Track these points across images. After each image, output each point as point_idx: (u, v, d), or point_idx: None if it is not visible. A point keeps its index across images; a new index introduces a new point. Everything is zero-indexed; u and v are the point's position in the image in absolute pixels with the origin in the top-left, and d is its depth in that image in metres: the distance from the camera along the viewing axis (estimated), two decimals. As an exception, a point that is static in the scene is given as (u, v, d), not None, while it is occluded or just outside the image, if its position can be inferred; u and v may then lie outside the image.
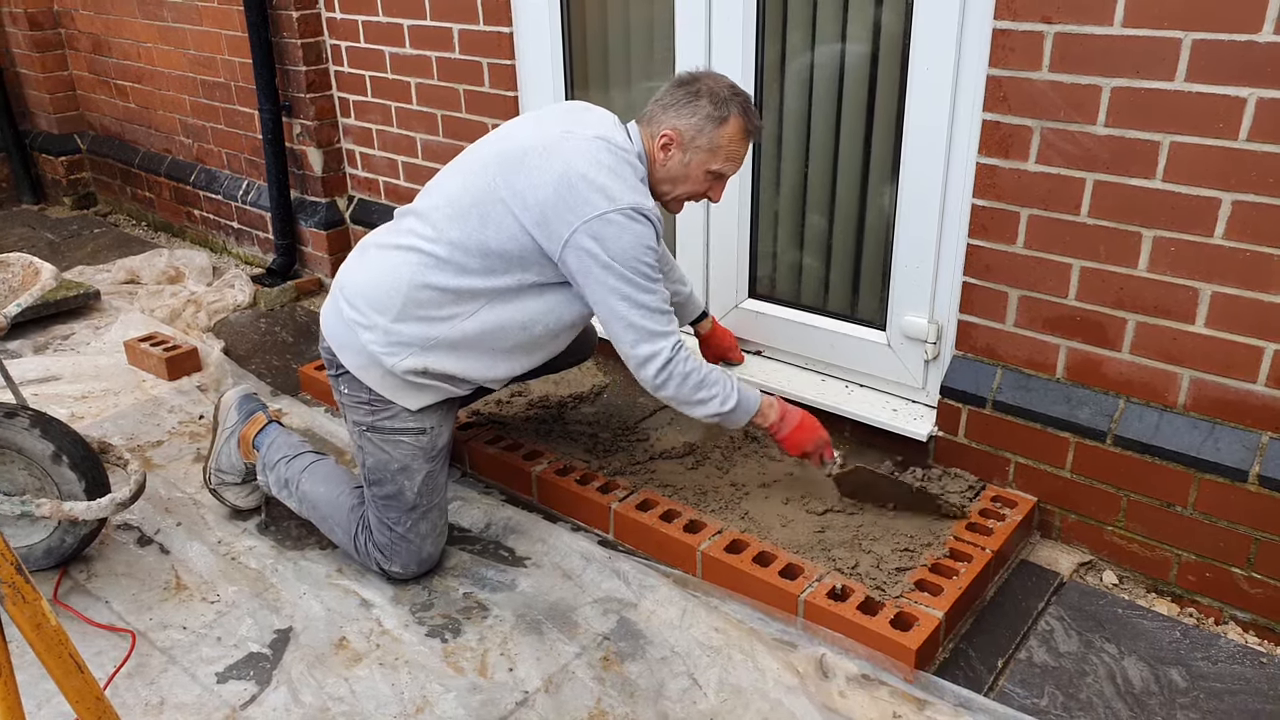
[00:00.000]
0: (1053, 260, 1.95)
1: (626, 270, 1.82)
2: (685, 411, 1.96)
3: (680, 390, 1.90)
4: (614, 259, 1.81)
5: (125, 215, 4.60)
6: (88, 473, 2.01)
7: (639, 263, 1.83)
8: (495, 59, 2.82)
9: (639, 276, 1.83)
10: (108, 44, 4.22)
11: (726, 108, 1.90)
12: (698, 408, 1.94)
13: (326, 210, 3.53)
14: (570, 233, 1.81)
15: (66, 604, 2.00)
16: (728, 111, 1.90)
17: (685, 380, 1.90)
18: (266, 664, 1.85)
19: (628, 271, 1.82)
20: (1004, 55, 1.88)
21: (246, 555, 2.16)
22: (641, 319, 1.85)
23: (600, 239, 1.80)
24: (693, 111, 1.90)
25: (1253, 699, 1.71)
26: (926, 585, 1.88)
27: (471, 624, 1.94)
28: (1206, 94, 1.68)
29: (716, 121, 1.90)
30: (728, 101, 1.90)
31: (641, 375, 1.91)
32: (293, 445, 2.20)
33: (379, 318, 1.92)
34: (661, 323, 1.88)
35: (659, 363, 1.87)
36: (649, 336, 1.87)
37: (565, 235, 1.81)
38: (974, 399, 2.13)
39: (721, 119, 1.90)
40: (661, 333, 1.87)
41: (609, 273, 1.82)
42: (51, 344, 3.23)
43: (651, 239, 1.85)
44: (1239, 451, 1.82)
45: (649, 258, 1.85)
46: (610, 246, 1.80)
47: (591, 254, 1.81)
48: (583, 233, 1.80)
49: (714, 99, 1.90)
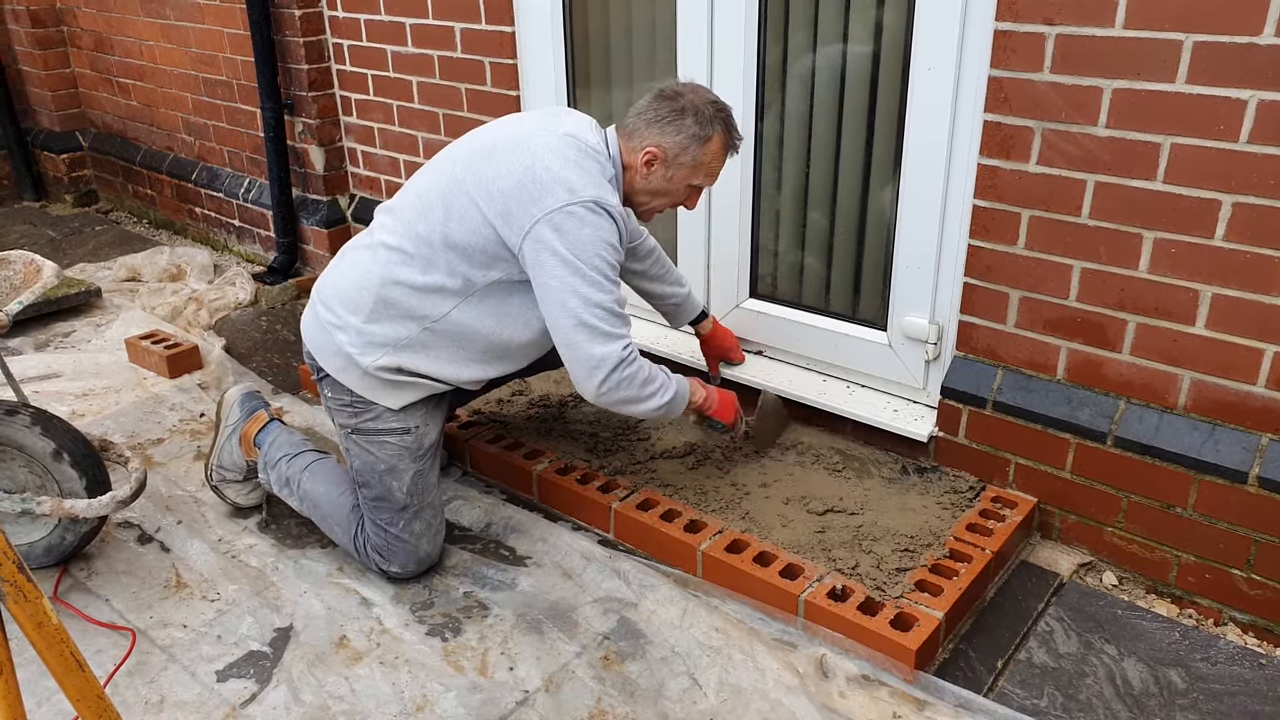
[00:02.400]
0: (1054, 261, 1.95)
1: (583, 265, 1.79)
2: (628, 411, 1.93)
3: (629, 391, 1.87)
4: (572, 253, 1.78)
5: (127, 213, 4.60)
6: (88, 470, 2.01)
7: (598, 258, 1.80)
8: (497, 58, 2.83)
9: (595, 273, 1.80)
10: (110, 41, 4.22)
11: (711, 126, 1.91)
12: (645, 404, 1.91)
13: (328, 208, 3.54)
14: (531, 224, 1.79)
15: (67, 602, 2.01)
16: (712, 130, 1.92)
17: (634, 381, 1.87)
18: (267, 662, 1.85)
19: (584, 267, 1.79)
20: (1005, 56, 1.88)
21: (247, 553, 2.17)
22: (595, 319, 1.81)
23: (560, 230, 1.78)
24: (678, 129, 1.90)
25: (1252, 700, 1.71)
26: (927, 586, 1.88)
27: (472, 623, 1.94)
28: (1207, 96, 1.68)
29: (701, 140, 1.91)
30: (712, 120, 1.91)
31: (590, 379, 1.84)
32: (294, 444, 2.21)
33: (351, 318, 1.92)
34: (616, 324, 1.84)
35: (609, 367, 1.83)
36: (602, 338, 1.82)
37: (526, 226, 1.80)
38: (975, 399, 2.13)
39: (706, 138, 1.91)
40: (614, 334, 1.84)
41: (565, 267, 1.79)
42: (53, 341, 3.23)
43: (613, 235, 1.83)
44: (1239, 453, 1.82)
45: (609, 255, 1.82)
46: (569, 239, 1.78)
47: (549, 247, 1.78)
48: (544, 224, 1.78)
49: (699, 117, 1.90)
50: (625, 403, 1.90)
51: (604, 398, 1.87)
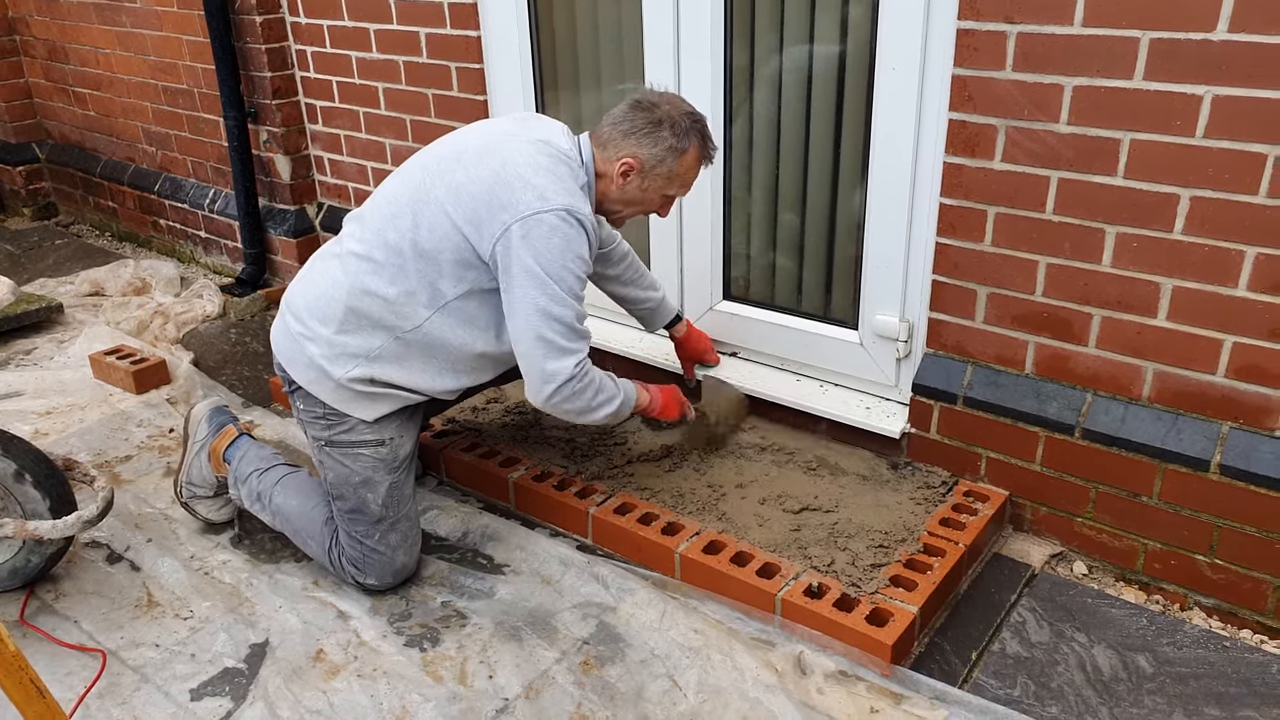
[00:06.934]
0: (1019, 257, 1.98)
1: (549, 279, 1.79)
2: (575, 420, 1.94)
3: (577, 403, 1.89)
4: (539, 264, 1.78)
5: (88, 225, 4.52)
6: (52, 491, 1.98)
7: (565, 270, 1.80)
8: (464, 63, 2.81)
9: (560, 287, 1.80)
10: (64, 50, 4.14)
11: (688, 139, 1.92)
12: (592, 414, 1.93)
13: (296, 218, 3.50)
14: (502, 229, 1.79)
15: (34, 625, 1.97)
16: (689, 143, 1.92)
17: (583, 394, 1.88)
18: (242, 679, 1.83)
19: (550, 280, 1.79)
20: (968, 55, 1.90)
21: (220, 570, 2.14)
22: (553, 333, 1.82)
23: (529, 240, 1.78)
24: (655, 141, 1.90)
25: (1216, 682, 1.75)
26: (901, 581, 1.90)
27: (450, 633, 1.93)
28: (1164, 92, 1.71)
29: (678, 152, 1.92)
30: (689, 132, 1.92)
31: (540, 391, 1.86)
32: (264, 458, 2.18)
33: (322, 329, 1.91)
34: (573, 339, 1.85)
35: (560, 381, 1.84)
36: (557, 353, 1.83)
37: (497, 232, 1.79)
38: (945, 396, 2.16)
39: (683, 150, 1.92)
40: (571, 350, 1.84)
41: (530, 279, 1.79)
42: (13, 359, 3.16)
43: (583, 247, 1.83)
44: (1200, 441, 1.86)
45: (577, 268, 1.82)
46: (537, 249, 1.78)
47: (517, 256, 1.78)
48: (514, 230, 1.78)
49: (675, 129, 1.90)
50: (573, 413, 1.92)
51: (554, 409, 1.90)
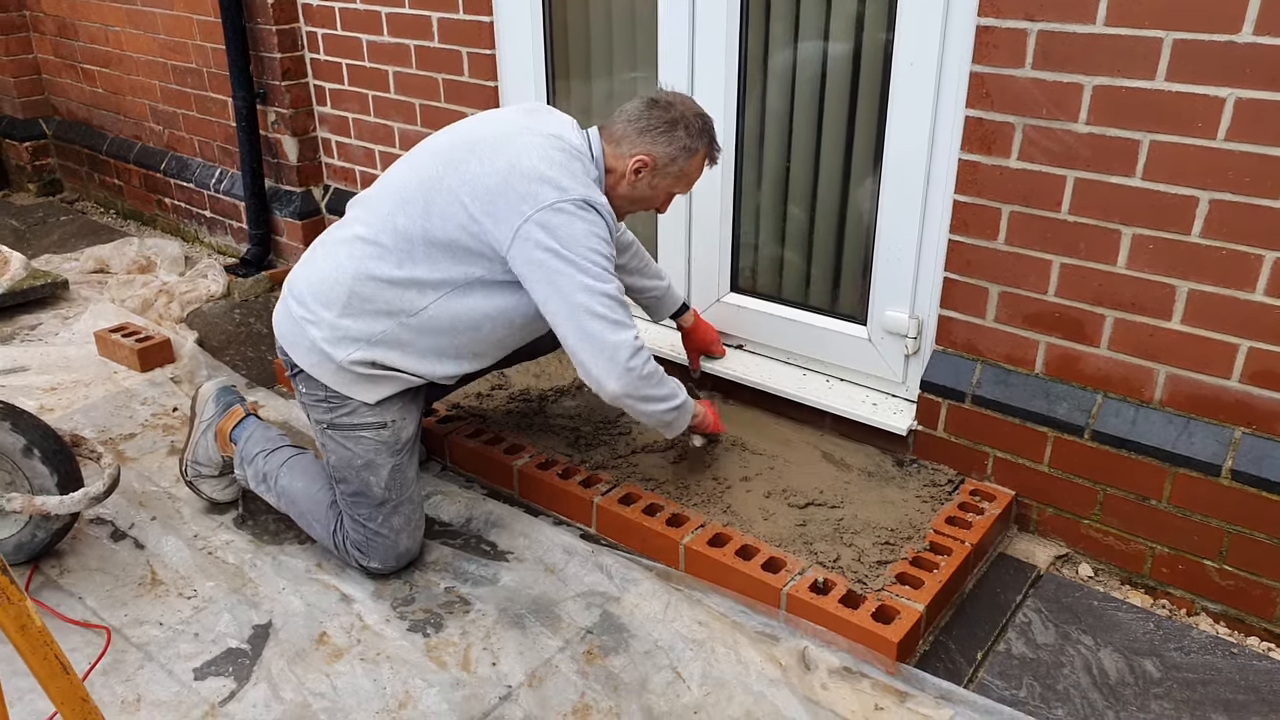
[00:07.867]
0: (1033, 257, 1.97)
1: (583, 259, 1.77)
2: (648, 408, 1.89)
3: (652, 383, 1.86)
4: (567, 248, 1.76)
5: (93, 202, 4.50)
6: (60, 466, 1.97)
7: (593, 252, 1.79)
8: (475, 48, 2.79)
9: (596, 266, 1.78)
10: (74, 27, 4.12)
11: (700, 140, 1.95)
12: (661, 403, 1.91)
13: (302, 200, 3.48)
14: (521, 222, 1.77)
15: (39, 600, 1.96)
16: (700, 144, 1.95)
17: (651, 377, 1.87)
18: (245, 660, 1.82)
19: (584, 261, 1.77)
20: (987, 52, 1.89)
21: (224, 550, 2.13)
22: (607, 309, 1.79)
23: (550, 228, 1.76)
24: (669, 140, 1.92)
25: (1224, 689, 1.75)
26: (907, 578, 1.90)
27: (454, 618, 1.93)
28: (1186, 93, 1.70)
29: (690, 152, 1.95)
30: (700, 133, 1.95)
31: (614, 363, 1.79)
32: (270, 439, 2.18)
33: (325, 312, 1.90)
34: (625, 313, 1.84)
35: (630, 350, 1.81)
36: (614, 326, 1.80)
37: (516, 225, 1.77)
38: (953, 394, 2.15)
39: (695, 150, 1.95)
40: (627, 323, 1.83)
41: (564, 262, 1.76)
42: (18, 334, 3.15)
43: (605, 231, 1.82)
44: (1213, 446, 1.85)
45: (604, 249, 1.81)
46: (562, 235, 1.76)
47: (543, 245, 1.76)
48: (533, 223, 1.77)
49: (689, 130, 1.93)
50: (649, 394, 1.87)
51: (631, 388, 1.83)
